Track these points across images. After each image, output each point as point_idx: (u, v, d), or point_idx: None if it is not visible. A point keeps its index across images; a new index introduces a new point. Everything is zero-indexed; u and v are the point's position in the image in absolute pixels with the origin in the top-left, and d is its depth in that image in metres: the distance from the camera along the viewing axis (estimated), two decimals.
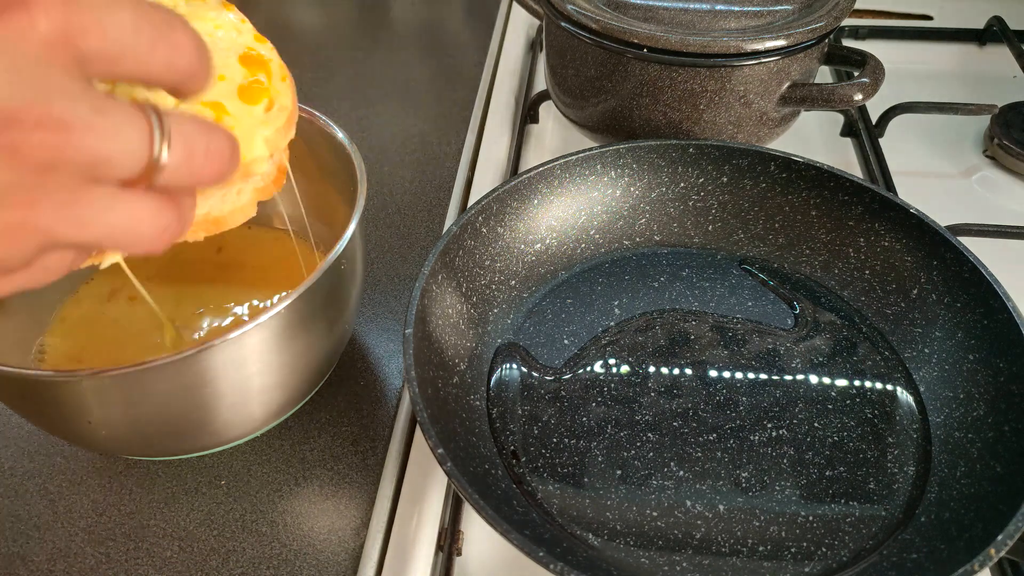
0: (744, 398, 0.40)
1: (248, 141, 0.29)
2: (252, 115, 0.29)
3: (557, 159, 0.46)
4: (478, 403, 0.40)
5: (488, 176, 0.57)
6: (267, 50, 0.32)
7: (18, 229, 0.21)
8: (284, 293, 0.34)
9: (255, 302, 0.43)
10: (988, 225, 0.50)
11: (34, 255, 0.22)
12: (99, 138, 0.21)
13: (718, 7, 0.49)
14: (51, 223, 0.21)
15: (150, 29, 0.23)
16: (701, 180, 0.48)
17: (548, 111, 0.64)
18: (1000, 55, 0.70)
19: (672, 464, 0.37)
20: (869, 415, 0.39)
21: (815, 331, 0.44)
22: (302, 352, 0.36)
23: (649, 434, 0.39)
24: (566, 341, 0.43)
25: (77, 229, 0.22)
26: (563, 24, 0.50)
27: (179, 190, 0.24)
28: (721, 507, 0.36)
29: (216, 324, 0.42)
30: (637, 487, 0.37)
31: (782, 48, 0.46)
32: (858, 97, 0.46)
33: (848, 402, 0.40)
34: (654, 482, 0.37)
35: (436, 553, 0.37)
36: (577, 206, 0.48)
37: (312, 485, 0.40)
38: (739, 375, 0.41)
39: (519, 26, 0.75)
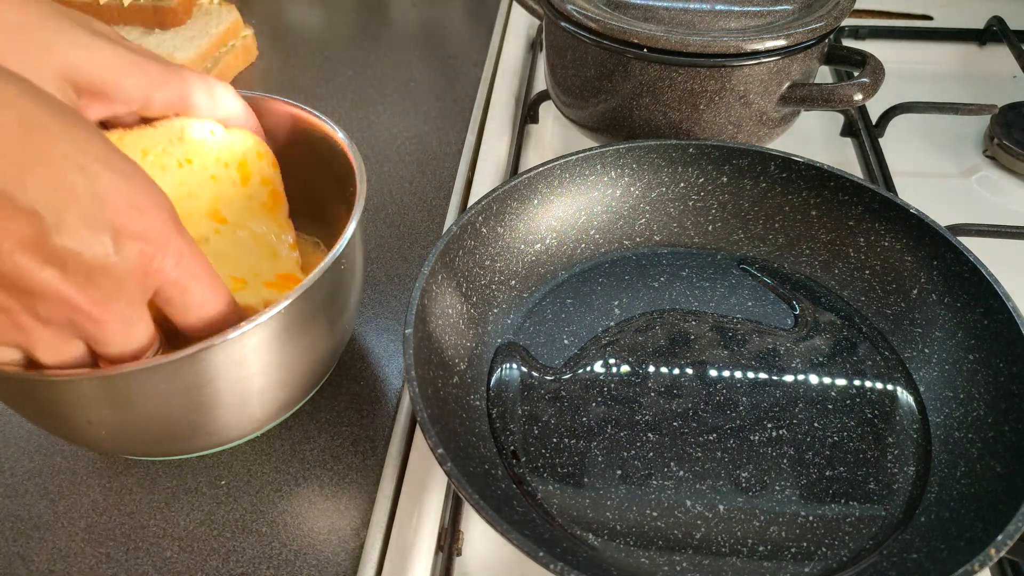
0: (744, 398, 0.40)
1: None
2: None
3: (557, 159, 0.46)
4: (478, 403, 0.40)
5: (488, 176, 0.58)
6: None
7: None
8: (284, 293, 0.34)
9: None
10: (988, 225, 0.50)
11: None
12: (112, 335, 0.28)
13: (718, 7, 0.49)
14: (29, 347, 0.28)
15: (206, 309, 0.31)
16: (701, 180, 0.48)
17: (548, 111, 0.64)
18: (1000, 55, 0.70)
19: (672, 464, 0.37)
20: (869, 415, 0.39)
21: (815, 331, 0.44)
22: (302, 352, 0.36)
23: (649, 434, 0.39)
24: (566, 341, 0.43)
25: (43, 356, 0.29)
26: (563, 24, 0.50)
27: None
28: (721, 507, 0.36)
29: None
30: (637, 487, 0.37)
31: (782, 48, 0.46)
32: (858, 97, 0.46)
33: (848, 402, 0.40)
34: (654, 482, 0.37)
35: (436, 553, 0.37)
36: (577, 206, 0.48)
37: (312, 485, 0.40)
38: (739, 375, 0.41)
39: (519, 26, 0.75)
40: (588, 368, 0.42)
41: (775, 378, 0.41)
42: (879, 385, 0.41)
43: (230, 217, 0.38)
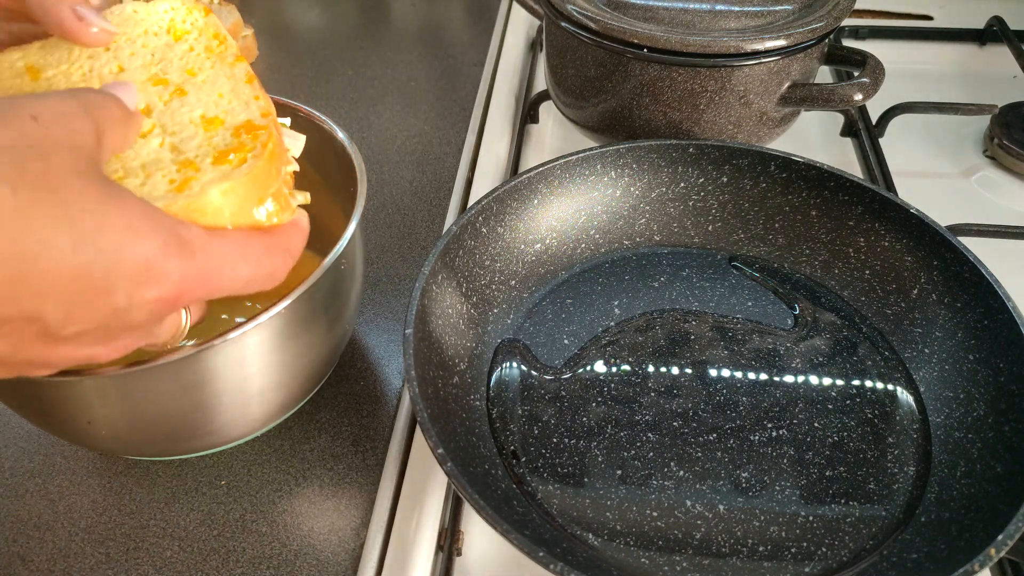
0: (744, 398, 0.40)
1: (204, 194, 0.29)
2: (217, 170, 0.30)
3: (557, 159, 0.46)
4: (478, 403, 0.40)
5: (488, 176, 0.57)
6: (267, 120, 0.32)
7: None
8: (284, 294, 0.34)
9: (257, 305, 0.43)
10: (988, 225, 0.50)
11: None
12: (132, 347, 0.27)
13: (718, 7, 0.49)
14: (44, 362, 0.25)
15: (244, 279, 0.27)
16: (701, 180, 0.48)
17: (548, 111, 0.64)
18: (1000, 55, 0.70)
19: (672, 464, 0.37)
20: (869, 415, 0.39)
21: (815, 331, 0.44)
22: (302, 352, 0.36)
23: (649, 434, 0.39)
24: (566, 341, 0.43)
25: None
26: (563, 24, 0.50)
27: None
28: (721, 507, 0.36)
29: (218, 325, 0.42)
30: (637, 487, 0.37)
31: (782, 48, 0.46)
32: (858, 97, 0.46)
33: (848, 402, 0.40)
34: (654, 482, 0.37)
35: (436, 553, 0.37)
36: (577, 206, 0.48)
37: (312, 485, 0.40)
38: (739, 375, 0.41)
39: (519, 26, 0.75)
40: (588, 368, 0.42)
41: (775, 378, 0.41)
42: (879, 385, 0.41)
43: (175, 78, 0.34)
